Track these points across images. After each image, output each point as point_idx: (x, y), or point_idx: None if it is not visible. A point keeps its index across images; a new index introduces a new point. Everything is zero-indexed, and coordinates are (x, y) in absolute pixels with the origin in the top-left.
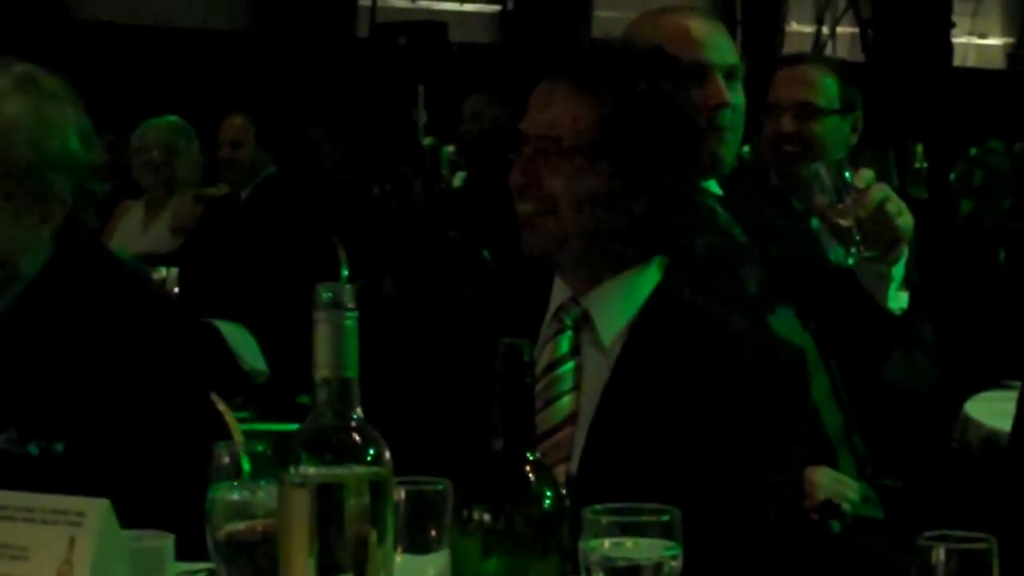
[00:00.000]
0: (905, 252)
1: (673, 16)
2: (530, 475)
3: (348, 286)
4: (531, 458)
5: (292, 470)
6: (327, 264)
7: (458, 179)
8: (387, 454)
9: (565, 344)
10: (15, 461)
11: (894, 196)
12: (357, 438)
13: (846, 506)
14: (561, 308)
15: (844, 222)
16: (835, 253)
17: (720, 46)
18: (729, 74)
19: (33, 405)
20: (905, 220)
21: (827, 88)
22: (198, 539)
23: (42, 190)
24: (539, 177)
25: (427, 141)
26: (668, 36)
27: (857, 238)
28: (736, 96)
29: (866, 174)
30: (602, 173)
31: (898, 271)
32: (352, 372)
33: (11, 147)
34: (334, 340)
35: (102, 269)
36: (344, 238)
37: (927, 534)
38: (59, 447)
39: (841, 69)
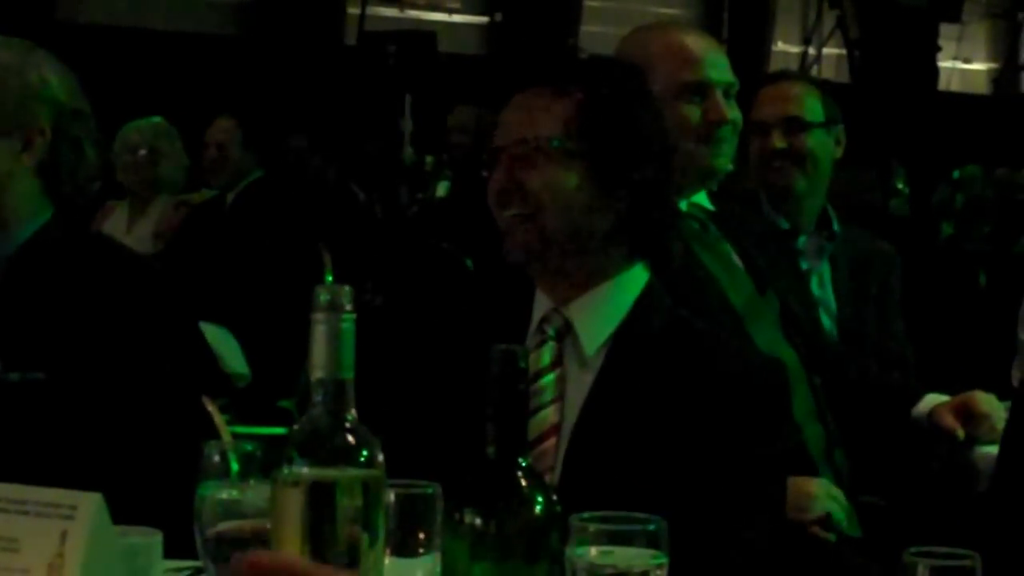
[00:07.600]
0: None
1: (672, 33)
2: (522, 480)
3: (347, 288)
4: (523, 464)
5: (285, 469)
6: (312, 270)
7: (442, 188)
8: (380, 456)
9: (547, 356)
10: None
11: None
12: (351, 439)
13: (839, 517)
14: (544, 319)
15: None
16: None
17: (720, 64)
18: (727, 92)
19: (19, 343)
20: None
21: (811, 103)
22: (184, 537)
23: (20, 117)
24: (520, 180)
25: (408, 152)
26: (668, 52)
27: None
28: (734, 113)
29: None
30: (580, 169)
31: None
32: (348, 374)
33: None
34: (331, 341)
35: (102, 240)
36: (329, 244)
37: (912, 550)
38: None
39: (820, 85)
